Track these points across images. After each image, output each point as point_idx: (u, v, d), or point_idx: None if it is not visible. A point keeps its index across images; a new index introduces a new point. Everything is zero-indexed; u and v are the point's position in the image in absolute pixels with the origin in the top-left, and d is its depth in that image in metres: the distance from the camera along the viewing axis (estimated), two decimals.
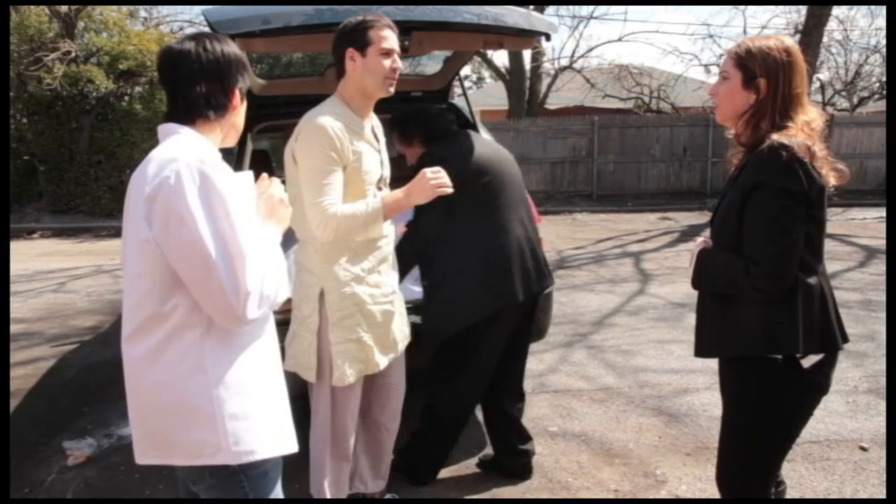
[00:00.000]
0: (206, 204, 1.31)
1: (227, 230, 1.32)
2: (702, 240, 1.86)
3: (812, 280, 1.67)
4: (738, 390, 1.80)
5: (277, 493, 1.55)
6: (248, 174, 1.52)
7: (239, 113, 1.56)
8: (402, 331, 2.43)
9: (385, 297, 2.32)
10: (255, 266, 1.34)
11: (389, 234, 2.37)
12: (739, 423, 1.81)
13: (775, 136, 1.63)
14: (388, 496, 2.73)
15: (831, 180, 1.67)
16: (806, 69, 1.73)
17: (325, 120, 2.10)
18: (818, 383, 1.73)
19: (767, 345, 1.68)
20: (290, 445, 1.53)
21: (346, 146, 2.11)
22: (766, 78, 1.69)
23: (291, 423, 1.56)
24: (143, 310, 1.38)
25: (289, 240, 2.00)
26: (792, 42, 1.74)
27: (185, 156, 1.34)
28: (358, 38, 2.14)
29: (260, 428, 1.43)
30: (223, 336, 1.40)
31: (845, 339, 1.74)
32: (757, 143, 1.69)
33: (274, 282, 1.40)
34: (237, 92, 1.52)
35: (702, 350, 1.86)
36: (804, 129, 1.66)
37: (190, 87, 1.46)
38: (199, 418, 1.38)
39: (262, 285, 1.36)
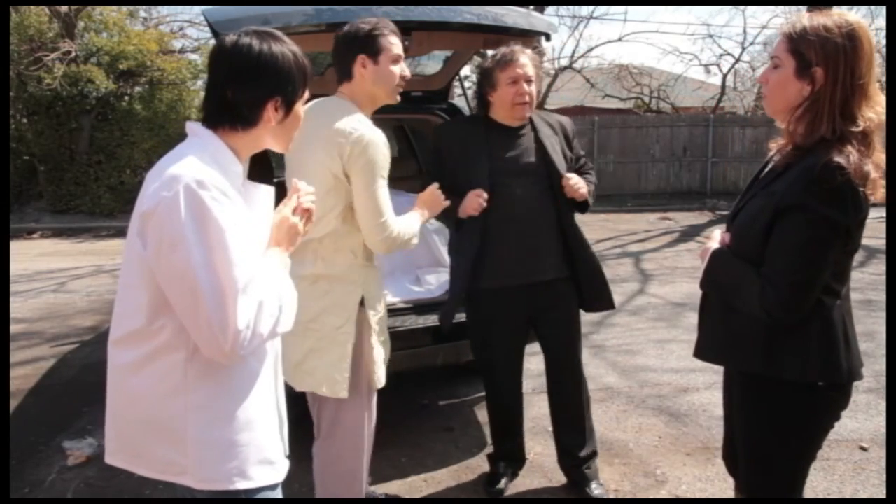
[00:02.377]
0: (201, 232, 1.23)
1: (221, 262, 1.23)
2: (719, 236, 1.69)
3: (833, 304, 1.53)
4: (747, 404, 1.67)
5: (278, 496, 1.51)
6: (268, 189, 1.45)
7: (280, 128, 1.42)
8: None
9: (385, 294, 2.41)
10: (249, 303, 1.26)
11: None
12: (752, 438, 1.68)
13: (834, 153, 1.41)
14: (383, 496, 2.74)
15: (877, 195, 1.48)
16: (874, 53, 1.46)
17: (377, 134, 2.07)
18: (834, 399, 1.59)
19: (771, 366, 1.56)
20: (271, 478, 1.44)
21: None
22: (823, 67, 1.45)
23: (279, 455, 1.48)
24: (130, 321, 1.34)
25: None
26: (857, 20, 1.46)
27: (188, 176, 1.24)
28: (370, 44, 2.11)
29: (234, 460, 1.36)
30: (209, 363, 1.32)
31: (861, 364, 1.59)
32: (811, 146, 1.48)
33: (271, 318, 1.32)
34: (272, 104, 1.37)
35: (701, 353, 1.77)
36: (864, 138, 1.45)
37: (219, 90, 1.36)
38: (169, 438, 1.34)
39: (255, 323, 1.27)
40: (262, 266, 1.36)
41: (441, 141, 2.72)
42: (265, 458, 1.43)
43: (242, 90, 1.35)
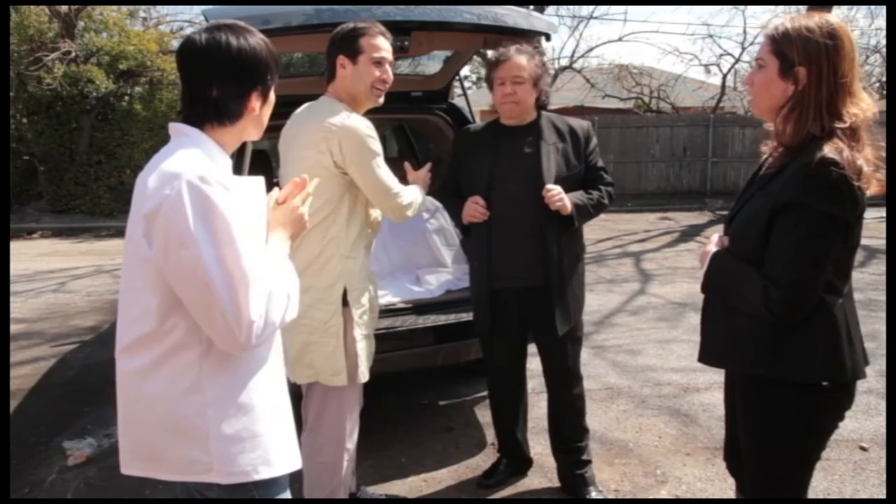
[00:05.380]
0: (209, 227, 1.24)
1: (230, 255, 1.25)
2: (717, 239, 1.69)
3: (837, 303, 1.52)
4: (751, 406, 1.67)
5: (286, 496, 1.52)
6: (258, 180, 1.47)
7: (259, 116, 1.45)
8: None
9: (377, 288, 2.43)
10: (259, 292, 1.28)
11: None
12: (757, 440, 1.67)
13: (826, 149, 1.43)
14: (383, 496, 2.74)
15: (872, 189, 1.49)
16: (855, 53, 1.50)
17: (359, 122, 2.15)
18: (839, 399, 1.58)
19: (774, 366, 1.55)
20: (291, 464, 1.47)
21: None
22: (806, 66, 1.48)
23: (294, 441, 1.50)
24: (140, 325, 1.34)
25: None
26: (838, 22, 1.50)
27: (189, 172, 1.25)
28: (349, 45, 2.15)
29: (257, 449, 1.38)
30: (223, 356, 1.34)
31: (865, 362, 1.59)
32: (800, 145, 1.50)
33: (280, 306, 1.34)
34: (255, 95, 1.40)
35: (705, 357, 1.76)
36: (852, 134, 1.47)
37: (202, 89, 1.36)
38: (191, 437, 1.34)
39: (266, 312, 1.30)
40: (268, 255, 1.38)
41: (456, 146, 2.80)
42: (284, 443, 1.46)
43: (228, 86, 1.37)
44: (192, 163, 1.29)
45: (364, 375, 2.28)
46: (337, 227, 2.18)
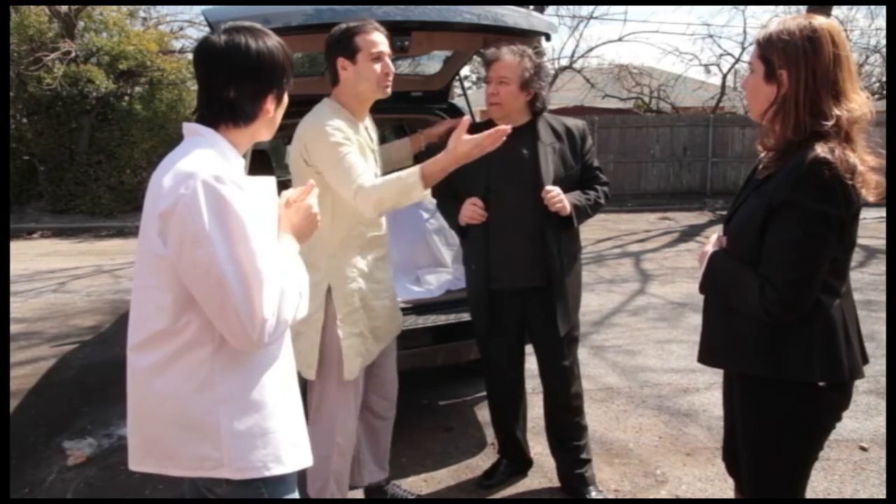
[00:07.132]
0: (223, 226, 1.25)
1: (245, 254, 1.26)
2: (715, 239, 1.71)
3: (834, 303, 1.53)
4: (748, 406, 1.67)
5: (294, 496, 1.52)
6: (270, 180, 1.47)
7: (273, 117, 1.47)
8: (395, 322, 2.50)
9: (385, 292, 2.39)
10: (272, 290, 1.29)
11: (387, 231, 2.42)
12: (754, 440, 1.67)
13: (818, 149, 1.44)
14: (411, 494, 2.75)
15: (870, 197, 1.48)
16: (843, 52, 1.49)
17: (325, 116, 2.13)
18: (836, 400, 1.59)
19: (774, 367, 1.56)
20: (302, 461, 1.47)
21: (350, 132, 2.14)
22: (786, 69, 1.50)
23: (306, 438, 1.51)
24: (153, 323, 1.35)
25: None
26: (823, 22, 1.50)
27: (204, 172, 1.27)
28: (346, 46, 2.15)
29: (268, 446, 1.39)
30: (235, 354, 1.35)
31: (865, 361, 1.60)
32: (788, 147, 1.52)
33: (292, 304, 1.35)
34: (271, 97, 1.42)
35: (705, 358, 1.76)
36: (843, 134, 1.47)
37: (218, 90, 1.38)
38: (202, 434, 1.35)
39: (279, 310, 1.31)
40: (280, 254, 1.39)
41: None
42: (295, 440, 1.46)
43: (245, 88, 1.38)
44: (207, 162, 1.30)
45: (351, 373, 2.28)
46: (321, 227, 2.18)
